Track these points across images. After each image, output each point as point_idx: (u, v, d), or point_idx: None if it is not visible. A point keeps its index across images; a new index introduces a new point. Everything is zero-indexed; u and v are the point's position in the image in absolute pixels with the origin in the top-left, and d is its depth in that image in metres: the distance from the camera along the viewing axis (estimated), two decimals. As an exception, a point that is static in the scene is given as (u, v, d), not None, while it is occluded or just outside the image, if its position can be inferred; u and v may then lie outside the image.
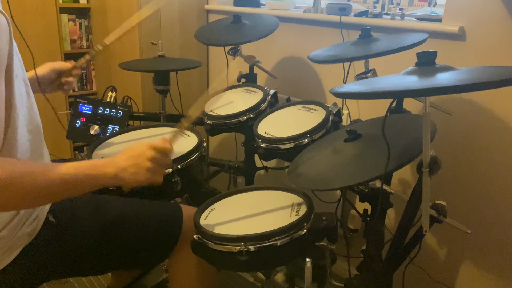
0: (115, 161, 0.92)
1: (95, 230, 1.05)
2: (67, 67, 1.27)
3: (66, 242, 1.01)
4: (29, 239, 0.96)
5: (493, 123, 1.39)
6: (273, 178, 2.03)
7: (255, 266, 1.15)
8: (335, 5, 1.73)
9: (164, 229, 1.14)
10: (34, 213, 0.96)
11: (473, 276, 1.54)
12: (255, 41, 1.67)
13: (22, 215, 0.94)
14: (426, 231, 0.97)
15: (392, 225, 1.68)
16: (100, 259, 1.09)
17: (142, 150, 0.93)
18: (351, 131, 1.09)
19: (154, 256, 1.16)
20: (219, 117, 1.54)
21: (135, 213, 1.12)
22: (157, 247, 1.14)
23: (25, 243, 0.95)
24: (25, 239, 0.95)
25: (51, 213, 1.00)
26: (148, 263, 1.20)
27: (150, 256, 1.15)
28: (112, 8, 2.33)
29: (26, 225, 0.94)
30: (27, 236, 0.95)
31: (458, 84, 0.73)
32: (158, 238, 1.13)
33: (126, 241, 1.10)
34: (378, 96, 0.86)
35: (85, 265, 1.08)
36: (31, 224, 0.96)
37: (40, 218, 0.98)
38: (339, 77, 1.68)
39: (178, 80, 2.05)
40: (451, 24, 1.42)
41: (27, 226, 0.95)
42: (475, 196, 1.48)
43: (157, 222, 1.14)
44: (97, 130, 1.77)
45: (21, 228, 0.94)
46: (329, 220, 1.08)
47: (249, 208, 1.17)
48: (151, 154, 0.92)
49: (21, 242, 0.95)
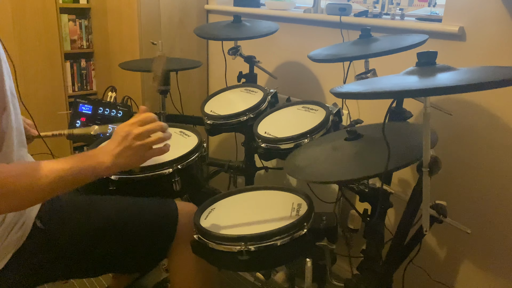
0: (107, 150, 0.90)
1: (86, 233, 1.03)
2: (33, 134, 1.21)
3: (57, 247, 1.00)
4: (17, 246, 0.94)
5: (493, 123, 1.39)
6: (273, 178, 2.03)
7: (255, 266, 1.14)
8: (335, 5, 1.73)
9: (159, 228, 1.12)
10: (20, 219, 0.94)
11: (473, 276, 1.54)
12: (255, 41, 1.67)
13: (8, 223, 0.92)
14: (426, 231, 0.97)
15: (392, 225, 1.68)
16: (94, 262, 1.07)
17: (127, 130, 0.91)
18: (352, 131, 1.09)
19: (150, 256, 1.14)
20: (219, 117, 1.54)
21: (127, 214, 1.10)
22: (153, 246, 1.13)
23: (13, 251, 0.94)
24: (13, 246, 0.94)
25: (38, 219, 0.98)
26: (145, 264, 1.19)
27: (146, 256, 1.14)
28: (112, 8, 2.34)
29: (13, 232, 0.93)
30: (15, 243, 0.94)
31: (458, 84, 0.73)
32: (153, 238, 1.11)
33: (119, 242, 1.08)
34: (378, 96, 0.86)
35: (79, 268, 1.06)
36: (18, 231, 0.94)
37: (27, 224, 0.95)
38: (339, 77, 1.68)
39: (178, 80, 2.05)
40: (451, 24, 1.42)
41: (14, 233, 0.93)
42: (475, 196, 1.48)
43: (151, 221, 1.11)
44: (97, 130, 1.77)
45: (7, 236, 0.92)
46: (329, 220, 1.08)
47: (249, 208, 1.17)
48: (136, 131, 0.91)
49: (9, 250, 0.93)
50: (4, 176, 0.77)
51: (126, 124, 0.93)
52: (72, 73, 2.62)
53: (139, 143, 0.91)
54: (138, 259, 1.14)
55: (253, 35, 1.73)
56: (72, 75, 2.62)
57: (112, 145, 0.91)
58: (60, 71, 2.51)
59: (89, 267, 1.08)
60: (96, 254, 1.05)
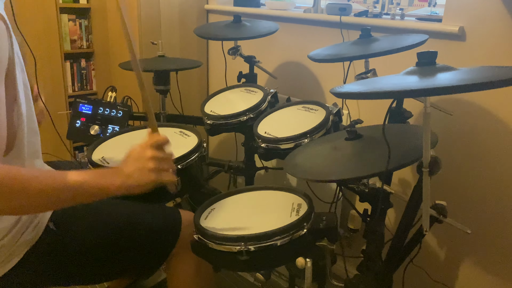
0: (119, 169, 0.90)
1: (95, 239, 1.04)
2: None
3: (67, 250, 1.01)
4: (29, 246, 0.95)
5: (493, 123, 1.39)
6: (273, 178, 2.03)
7: (255, 266, 1.14)
8: (335, 5, 1.73)
9: (163, 235, 1.14)
10: (35, 220, 0.96)
11: (473, 276, 1.54)
12: (255, 41, 1.67)
13: (23, 222, 0.93)
14: (426, 231, 0.97)
15: (392, 225, 1.68)
16: (99, 268, 1.08)
17: (140, 152, 0.91)
18: (352, 131, 1.09)
19: (152, 262, 1.15)
20: (219, 117, 1.54)
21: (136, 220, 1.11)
22: (156, 253, 1.14)
23: (25, 250, 0.95)
24: (26, 246, 0.95)
25: (52, 221, 0.99)
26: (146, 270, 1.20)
27: (148, 262, 1.15)
28: (112, 8, 2.33)
29: (27, 232, 0.94)
30: (27, 243, 0.95)
31: (458, 84, 0.73)
32: (157, 245, 1.13)
33: (125, 250, 1.09)
34: (378, 96, 0.86)
35: (84, 273, 1.07)
36: (32, 232, 0.95)
37: (41, 225, 0.97)
38: (339, 77, 1.68)
39: (178, 80, 2.05)
40: (451, 24, 1.42)
41: (28, 234, 0.94)
42: (475, 196, 1.48)
43: (157, 228, 1.13)
44: (97, 130, 1.77)
45: (21, 235, 0.93)
46: (329, 220, 1.08)
47: (249, 208, 1.17)
48: (150, 153, 0.90)
49: (22, 249, 0.94)
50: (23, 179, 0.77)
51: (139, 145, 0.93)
52: (72, 73, 2.62)
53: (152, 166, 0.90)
54: (140, 266, 1.15)
55: (253, 35, 1.73)
56: (72, 75, 2.62)
57: (124, 165, 0.90)
58: (60, 71, 2.51)
59: (93, 272, 1.09)
60: (102, 259, 1.06)
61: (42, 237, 0.97)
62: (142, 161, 0.90)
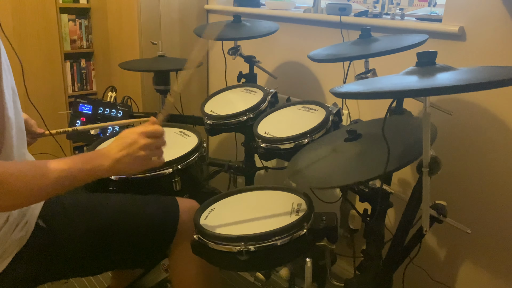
0: (109, 153, 0.90)
1: (89, 232, 1.04)
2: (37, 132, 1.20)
3: (60, 246, 1.00)
4: (20, 245, 0.95)
5: (493, 123, 1.39)
6: (273, 178, 2.03)
7: (255, 266, 1.15)
8: (335, 5, 1.73)
9: (160, 224, 1.12)
10: (23, 218, 0.95)
11: (473, 276, 1.54)
12: (255, 41, 1.67)
13: (12, 222, 0.92)
14: (426, 231, 0.97)
15: (392, 225, 1.68)
16: (96, 261, 1.08)
17: (134, 138, 0.91)
18: (351, 131, 1.09)
19: (151, 252, 1.15)
20: (219, 117, 1.54)
21: (129, 211, 1.11)
22: (155, 242, 1.13)
23: (16, 250, 0.94)
24: (16, 245, 0.94)
25: (41, 218, 0.98)
26: (146, 260, 1.19)
27: (148, 253, 1.14)
28: (112, 8, 2.33)
29: (16, 231, 0.93)
30: (18, 242, 0.94)
31: (458, 84, 0.73)
32: (155, 234, 1.12)
33: (121, 240, 1.08)
34: (378, 96, 0.86)
35: (81, 266, 1.07)
36: (21, 230, 0.94)
37: (30, 223, 0.96)
38: (339, 77, 1.68)
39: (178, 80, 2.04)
40: (451, 24, 1.42)
41: (18, 233, 0.94)
42: (475, 196, 1.48)
43: (152, 217, 1.12)
44: (97, 130, 1.77)
45: (11, 235, 0.92)
46: (329, 220, 1.08)
47: (249, 208, 1.17)
48: (143, 141, 0.91)
49: (13, 249, 0.94)
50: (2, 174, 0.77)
51: (133, 131, 0.93)
52: (72, 73, 2.62)
53: (143, 154, 0.91)
54: (139, 256, 1.14)
55: (253, 35, 1.73)
56: (72, 75, 2.62)
57: (115, 148, 0.91)
58: (60, 71, 2.51)
59: (91, 265, 1.08)
60: (98, 252, 1.06)
61: (33, 236, 0.96)
62: (134, 147, 0.90)
